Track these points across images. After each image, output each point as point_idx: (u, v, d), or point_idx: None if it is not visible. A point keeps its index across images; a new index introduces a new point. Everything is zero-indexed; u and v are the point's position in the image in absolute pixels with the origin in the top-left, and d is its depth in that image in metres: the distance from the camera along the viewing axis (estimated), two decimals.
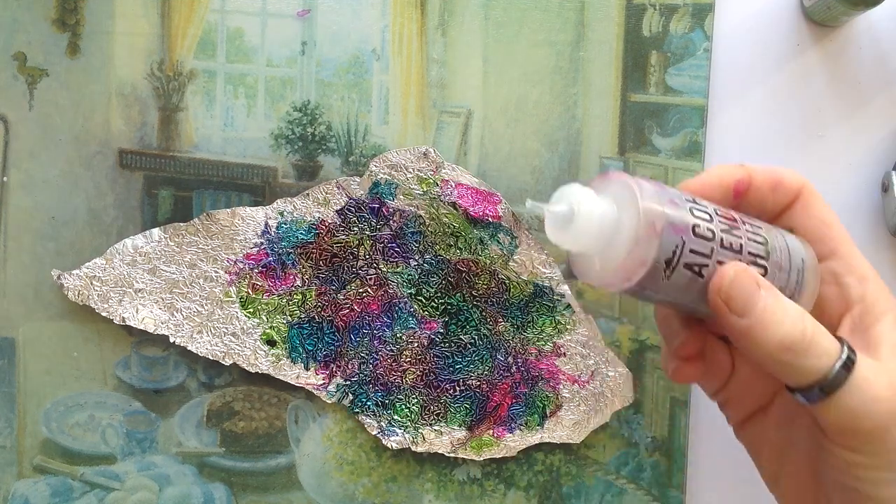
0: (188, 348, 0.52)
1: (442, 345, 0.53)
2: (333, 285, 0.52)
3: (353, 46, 0.54)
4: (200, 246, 0.52)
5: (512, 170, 0.54)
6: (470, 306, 0.53)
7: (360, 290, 0.52)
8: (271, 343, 0.52)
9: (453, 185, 0.53)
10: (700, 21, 0.54)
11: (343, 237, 0.52)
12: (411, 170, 0.53)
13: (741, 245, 0.33)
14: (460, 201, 0.53)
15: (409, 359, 0.53)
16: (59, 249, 0.52)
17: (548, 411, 0.53)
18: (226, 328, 0.52)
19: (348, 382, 0.53)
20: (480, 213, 0.53)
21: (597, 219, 0.32)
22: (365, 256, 0.52)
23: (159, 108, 0.53)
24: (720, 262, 0.32)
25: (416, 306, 0.53)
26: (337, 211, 0.53)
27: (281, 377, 0.52)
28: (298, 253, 0.52)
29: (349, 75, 0.54)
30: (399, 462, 0.54)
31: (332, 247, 0.52)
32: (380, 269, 0.53)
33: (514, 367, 0.53)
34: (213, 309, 0.52)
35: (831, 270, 0.37)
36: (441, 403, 0.53)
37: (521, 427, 0.53)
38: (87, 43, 0.52)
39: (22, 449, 0.53)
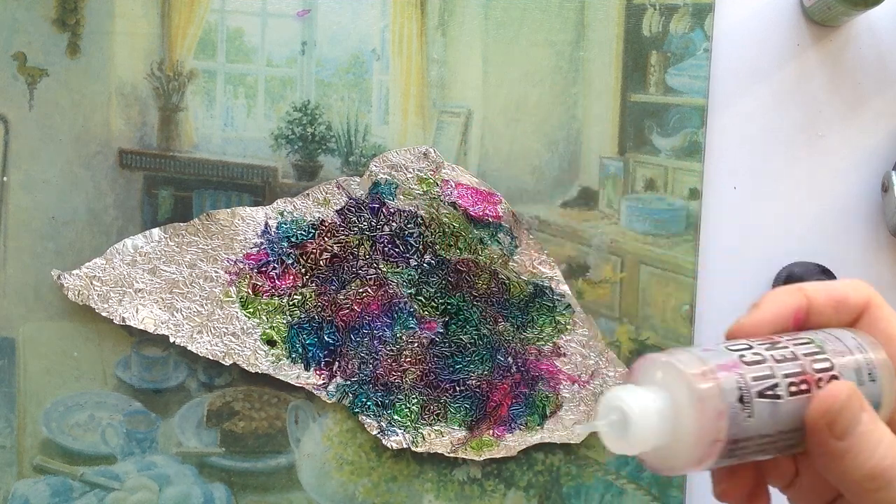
0: (188, 348, 0.52)
1: (442, 345, 0.53)
2: (333, 285, 0.52)
3: (353, 46, 0.54)
4: (200, 246, 0.52)
5: (512, 170, 0.54)
6: (470, 306, 0.53)
7: (360, 290, 0.52)
8: (271, 343, 0.52)
9: (453, 185, 0.53)
10: (700, 21, 0.54)
11: (343, 237, 0.52)
12: (411, 170, 0.53)
13: (792, 352, 0.33)
14: (460, 201, 0.53)
15: (409, 359, 0.53)
16: (59, 249, 0.52)
17: (548, 411, 0.53)
18: (226, 328, 0.52)
19: (348, 382, 0.53)
20: (480, 213, 0.53)
21: (654, 413, 0.31)
22: (365, 256, 0.52)
23: (159, 108, 0.53)
24: (786, 376, 0.32)
25: (416, 306, 0.53)
26: (337, 211, 0.53)
27: (281, 377, 0.52)
28: (298, 253, 0.52)
29: (349, 75, 0.54)
30: (399, 462, 0.54)
31: (332, 247, 0.52)
32: (380, 269, 0.53)
33: (514, 368, 0.53)
34: (213, 309, 0.52)
35: None
36: (441, 403, 0.53)
37: (521, 427, 0.53)
38: (87, 43, 0.52)
39: (22, 449, 0.53)
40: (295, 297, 0.52)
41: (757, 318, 0.35)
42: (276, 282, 0.52)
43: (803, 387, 0.32)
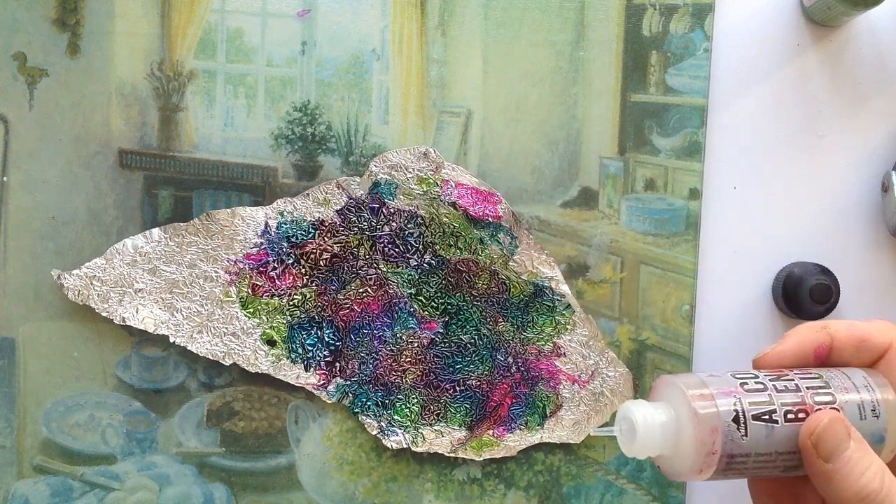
0: (188, 348, 0.52)
1: (442, 345, 0.53)
2: (333, 285, 0.52)
3: (353, 46, 0.54)
4: (200, 246, 0.52)
5: (512, 170, 0.54)
6: (470, 306, 0.53)
7: (360, 290, 0.52)
8: (271, 343, 0.52)
9: (453, 185, 0.53)
10: (700, 21, 0.54)
11: (343, 237, 0.52)
12: (411, 170, 0.53)
13: (796, 384, 0.36)
14: (460, 201, 0.53)
15: (409, 359, 0.53)
16: (59, 249, 0.52)
17: (548, 411, 0.53)
18: (226, 328, 0.52)
19: (348, 382, 0.53)
20: (480, 213, 0.53)
21: (657, 425, 0.36)
22: (365, 256, 0.52)
23: (159, 108, 0.53)
24: (784, 404, 0.36)
25: (416, 306, 0.53)
26: (337, 211, 0.53)
27: (281, 377, 0.52)
28: (298, 253, 0.52)
29: (349, 75, 0.54)
30: (399, 462, 0.54)
31: (332, 247, 0.52)
32: (380, 269, 0.53)
33: (514, 367, 0.53)
34: (213, 309, 0.52)
35: None
36: (441, 403, 0.53)
37: (521, 427, 0.53)
38: (87, 43, 0.52)
39: (22, 449, 0.53)
40: (295, 297, 0.52)
41: (779, 351, 0.38)
42: (276, 282, 0.52)
43: (801, 415, 0.36)
